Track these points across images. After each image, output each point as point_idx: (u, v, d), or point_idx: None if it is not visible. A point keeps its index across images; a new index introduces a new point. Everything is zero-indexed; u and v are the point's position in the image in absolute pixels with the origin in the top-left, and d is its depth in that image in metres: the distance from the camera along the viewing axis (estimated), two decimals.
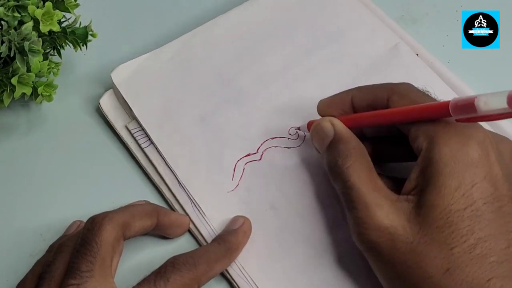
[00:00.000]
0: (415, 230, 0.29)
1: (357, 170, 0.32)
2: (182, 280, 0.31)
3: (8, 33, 0.35)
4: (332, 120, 0.35)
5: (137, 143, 0.40)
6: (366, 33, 0.44)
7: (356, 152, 0.33)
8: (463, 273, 0.28)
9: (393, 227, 0.30)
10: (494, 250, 0.28)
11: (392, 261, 0.30)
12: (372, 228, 0.30)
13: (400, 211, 0.30)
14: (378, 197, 0.31)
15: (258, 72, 0.42)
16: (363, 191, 0.31)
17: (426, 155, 0.30)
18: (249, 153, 0.39)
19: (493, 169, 0.30)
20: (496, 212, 0.29)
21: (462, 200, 0.29)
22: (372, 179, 0.32)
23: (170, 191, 0.38)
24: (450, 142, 0.30)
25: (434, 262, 0.28)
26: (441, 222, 0.29)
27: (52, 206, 0.38)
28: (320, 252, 0.35)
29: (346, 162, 0.32)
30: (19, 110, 0.42)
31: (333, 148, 0.33)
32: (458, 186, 0.29)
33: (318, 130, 0.35)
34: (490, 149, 0.30)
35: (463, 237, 0.28)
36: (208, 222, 0.37)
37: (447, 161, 0.29)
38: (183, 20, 0.47)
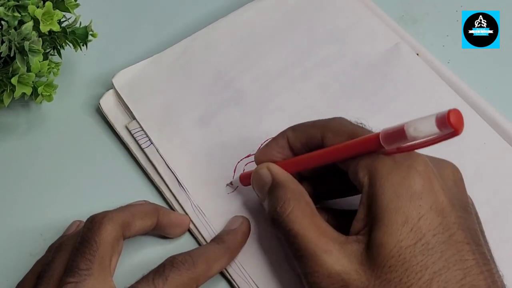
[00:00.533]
0: (369, 272, 0.28)
1: (298, 216, 0.31)
2: (181, 279, 0.31)
3: (8, 33, 0.36)
4: (268, 165, 0.34)
5: (137, 143, 0.40)
6: (366, 33, 0.44)
7: (295, 197, 0.31)
8: None
9: (345, 273, 0.28)
10: (450, 282, 0.27)
11: None
12: (323, 276, 0.29)
13: (351, 254, 0.29)
14: (325, 242, 0.29)
15: (258, 73, 0.42)
16: (308, 238, 0.30)
17: (369, 191, 0.29)
18: (249, 154, 0.39)
19: (438, 197, 0.28)
20: (447, 242, 0.28)
21: (411, 235, 0.28)
22: (315, 223, 0.30)
23: (170, 191, 0.38)
24: (391, 176, 0.29)
25: None
26: (393, 260, 0.28)
27: (52, 206, 0.38)
28: None
29: (286, 209, 0.31)
30: (19, 110, 0.42)
31: (271, 195, 0.32)
32: (405, 221, 0.28)
33: (257, 178, 0.34)
34: (432, 177, 0.29)
35: (418, 273, 0.27)
36: (208, 222, 0.37)
37: (390, 196, 0.28)
38: (183, 23, 0.46)
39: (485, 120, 0.40)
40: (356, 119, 0.33)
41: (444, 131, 0.25)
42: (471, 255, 0.28)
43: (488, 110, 0.40)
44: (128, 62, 0.43)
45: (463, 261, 0.28)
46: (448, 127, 0.25)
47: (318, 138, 0.32)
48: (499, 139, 0.39)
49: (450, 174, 0.31)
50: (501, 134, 0.40)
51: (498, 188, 0.34)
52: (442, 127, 0.25)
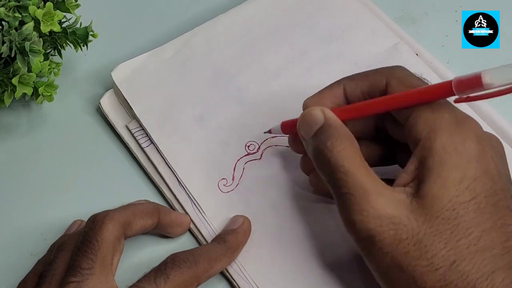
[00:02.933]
0: (420, 221, 0.29)
1: (350, 155, 0.30)
2: (182, 277, 0.31)
3: (9, 33, 0.36)
4: (323, 109, 0.33)
5: (137, 142, 0.40)
6: (366, 33, 0.44)
7: (347, 138, 0.31)
8: (469, 265, 0.28)
9: (396, 217, 0.29)
10: (495, 242, 0.28)
11: (394, 252, 0.29)
12: (373, 216, 0.29)
13: (400, 202, 0.29)
14: (377, 185, 0.29)
15: (258, 71, 0.42)
16: (359, 177, 0.29)
17: (427, 145, 0.30)
18: (249, 153, 0.39)
19: (490, 164, 0.30)
20: (496, 206, 0.29)
21: (466, 193, 0.29)
22: (366, 166, 0.30)
23: (170, 190, 0.38)
24: (452, 134, 0.29)
25: (441, 253, 0.28)
26: (447, 213, 0.28)
27: (53, 206, 0.38)
28: (320, 251, 0.35)
29: (337, 146, 0.30)
30: (20, 110, 0.42)
31: (322, 133, 0.32)
32: (462, 178, 0.29)
33: (307, 118, 0.33)
34: (486, 144, 0.30)
35: (469, 229, 0.28)
36: (208, 221, 0.37)
37: (451, 152, 0.29)
38: (183, 20, 0.47)
39: (484, 121, 0.40)
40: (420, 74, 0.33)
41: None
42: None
43: (487, 111, 0.40)
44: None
45: (507, 225, 0.29)
46: None
47: (382, 85, 0.32)
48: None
49: (498, 147, 0.32)
50: (500, 135, 0.39)
51: None
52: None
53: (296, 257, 0.35)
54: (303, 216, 0.37)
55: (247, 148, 0.39)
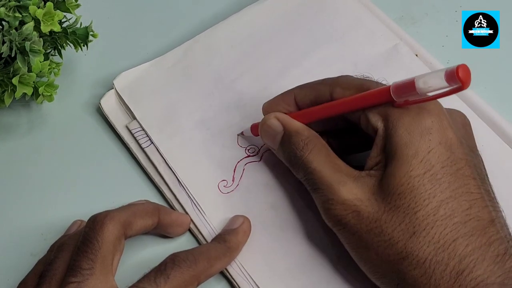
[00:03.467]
0: (379, 200, 0.30)
1: (316, 156, 0.33)
2: (182, 277, 0.31)
3: (9, 33, 0.36)
4: (277, 115, 0.35)
5: (137, 143, 0.40)
6: (366, 33, 0.44)
7: (311, 140, 0.34)
8: (429, 235, 0.29)
9: (358, 200, 0.31)
10: (456, 211, 0.29)
11: (359, 232, 0.31)
12: (337, 203, 0.31)
13: (364, 186, 0.31)
14: (340, 175, 0.32)
15: (258, 75, 0.42)
16: (324, 173, 0.32)
17: (383, 133, 0.31)
18: (249, 155, 0.39)
19: (447, 133, 0.30)
20: (455, 175, 0.30)
21: (420, 166, 0.30)
22: (331, 160, 0.33)
23: (170, 190, 0.38)
24: (403, 116, 0.31)
25: (400, 227, 0.29)
26: (402, 188, 0.29)
27: (53, 206, 0.38)
28: (320, 251, 0.36)
29: (304, 152, 0.33)
30: (20, 110, 0.42)
31: (287, 143, 0.34)
32: (415, 153, 0.30)
33: (266, 128, 0.36)
34: (441, 114, 0.31)
35: (426, 200, 0.29)
36: (208, 221, 0.37)
37: (402, 133, 0.30)
38: (184, 26, 0.46)
39: (484, 121, 0.40)
40: (362, 74, 0.35)
41: (452, 85, 0.27)
42: (476, 189, 0.30)
43: (487, 111, 0.40)
44: (128, 62, 0.43)
45: (469, 193, 0.29)
46: (456, 81, 0.27)
47: (327, 95, 0.34)
48: (498, 140, 0.39)
49: (459, 118, 0.33)
50: (500, 135, 0.39)
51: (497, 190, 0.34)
52: (450, 81, 0.27)
53: (295, 256, 0.36)
54: (303, 216, 0.37)
55: (247, 151, 0.39)
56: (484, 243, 0.28)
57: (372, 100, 0.32)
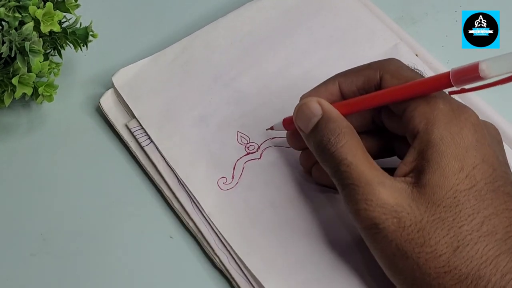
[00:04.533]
0: (422, 209, 0.29)
1: (352, 149, 0.31)
2: None
3: (9, 33, 0.36)
4: (319, 100, 0.33)
5: (137, 141, 0.40)
6: (366, 33, 0.44)
7: (348, 131, 0.32)
8: (472, 250, 0.28)
9: (399, 205, 0.29)
10: (498, 227, 0.29)
11: (398, 240, 0.29)
12: (376, 205, 0.30)
13: (402, 191, 0.30)
14: (379, 175, 0.30)
15: (257, 73, 0.42)
16: (362, 169, 0.30)
17: (425, 137, 0.30)
18: (249, 152, 0.39)
19: (488, 151, 0.30)
20: (497, 192, 0.29)
21: (466, 181, 0.29)
22: (368, 158, 0.31)
23: (170, 189, 0.38)
24: (449, 125, 0.30)
25: (444, 240, 0.29)
26: (448, 201, 0.29)
27: (53, 206, 0.38)
28: (320, 249, 0.35)
29: (340, 140, 0.31)
30: (19, 110, 0.42)
31: (323, 127, 0.32)
32: (462, 167, 0.29)
33: (304, 110, 0.33)
34: (484, 132, 0.31)
35: (470, 216, 0.29)
36: (208, 220, 0.37)
37: (449, 143, 0.30)
38: (183, 22, 0.47)
39: None
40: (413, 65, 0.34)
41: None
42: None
43: (487, 111, 0.40)
44: (128, 62, 0.43)
45: (509, 210, 0.29)
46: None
47: (376, 79, 0.33)
48: None
49: (493, 132, 0.33)
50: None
51: None
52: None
53: (295, 254, 0.35)
54: (303, 214, 0.37)
55: (247, 148, 0.39)
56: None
57: (430, 86, 0.30)
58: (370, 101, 0.33)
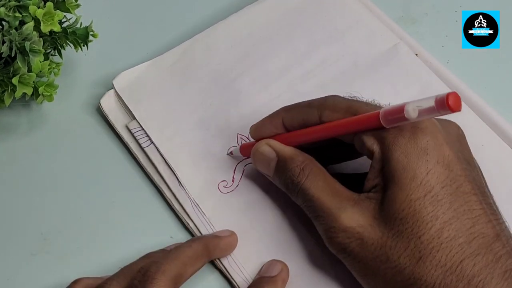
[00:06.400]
0: (382, 226, 0.30)
1: (313, 182, 0.32)
2: None
3: (9, 33, 0.36)
4: (269, 142, 0.35)
5: (137, 142, 0.40)
6: (366, 33, 0.44)
7: (307, 165, 0.33)
8: (435, 259, 0.28)
9: (360, 226, 0.30)
10: (460, 231, 0.29)
11: (364, 259, 0.30)
12: (340, 231, 0.31)
13: (364, 210, 0.30)
14: (339, 201, 0.31)
15: (257, 74, 0.42)
16: (323, 200, 0.32)
17: (378, 157, 0.31)
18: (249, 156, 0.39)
19: (443, 151, 0.30)
20: (455, 194, 0.29)
21: (420, 189, 0.29)
22: (330, 185, 0.32)
23: (170, 190, 0.38)
24: (398, 138, 0.30)
25: (405, 253, 0.29)
26: (403, 213, 0.29)
27: (53, 206, 0.38)
28: (320, 252, 0.35)
29: (301, 179, 0.33)
30: (20, 110, 0.42)
31: (283, 169, 0.34)
32: (414, 176, 0.29)
33: (259, 156, 0.35)
34: (436, 131, 0.30)
35: (428, 223, 0.29)
36: (208, 222, 0.37)
37: (398, 157, 0.30)
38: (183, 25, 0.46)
39: (484, 121, 0.40)
40: (349, 94, 0.35)
41: (442, 113, 0.27)
42: (478, 205, 0.29)
43: (487, 111, 0.40)
44: (128, 62, 0.43)
45: (471, 211, 0.29)
46: (446, 109, 0.27)
47: (315, 117, 0.33)
48: (498, 140, 0.39)
49: (452, 131, 0.33)
50: (500, 135, 0.39)
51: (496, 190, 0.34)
52: (440, 109, 0.27)
53: (296, 257, 0.36)
54: (303, 217, 0.37)
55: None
56: (491, 260, 0.28)
57: (362, 125, 0.31)
58: (313, 135, 0.33)
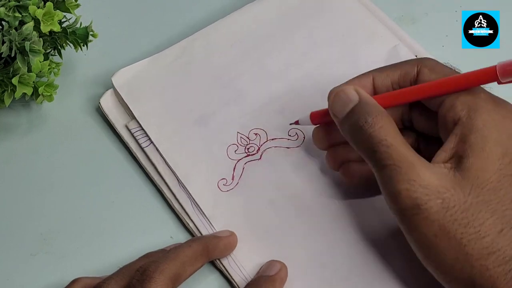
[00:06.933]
0: (466, 191, 0.29)
1: (390, 131, 0.31)
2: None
3: (9, 33, 0.36)
4: (356, 88, 0.33)
5: (137, 142, 0.40)
6: (365, 35, 0.44)
7: (385, 116, 0.31)
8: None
9: (443, 186, 0.29)
10: None
11: (442, 220, 0.29)
12: (419, 186, 0.29)
13: (444, 174, 0.30)
14: (419, 158, 0.30)
15: (257, 74, 0.42)
16: (403, 150, 0.30)
17: (467, 122, 0.30)
18: (248, 154, 0.39)
19: None
20: None
21: (510, 166, 0.29)
22: (406, 143, 0.31)
23: (170, 190, 0.38)
24: (492, 112, 0.30)
25: (488, 221, 0.29)
26: (492, 184, 0.29)
27: (52, 206, 0.38)
28: (320, 250, 0.36)
29: (378, 121, 0.31)
30: (20, 110, 0.42)
31: (360, 110, 0.32)
32: (505, 153, 0.30)
33: (341, 95, 0.33)
34: None
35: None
36: (208, 221, 0.37)
37: (491, 129, 0.30)
38: (183, 24, 0.46)
39: None
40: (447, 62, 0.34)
41: None
42: None
43: None
44: (128, 62, 0.43)
45: None
46: None
47: (413, 74, 0.33)
48: None
49: None
50: None
51: None
52: None
53: (296, 256, 0.36)
54: (303, 215, 0.37)
55: (247, 149, 0.39)
56: None
57: (475, 79, 0.30)
58: (409, 95, 0.32)
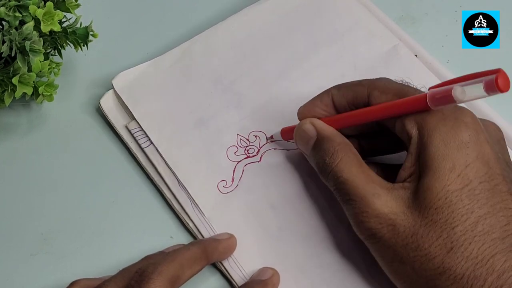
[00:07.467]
0: (415, 214, 0.30)
1: (347, 165, 0.32)
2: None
3: (9, 33, 0.36)
4: (312, 121, 0.35)
5: (137, 143, 0.40)
6: (365, 35, 0.44)
7: (342, 148, 0.33)
8: (467, 251, 0.28)
9: (393, 213, 0.30)
10: (495, 227, 0.29)
11: (394, 246, 0.30)
12: (372, 216, 0.30)
13: (398, 198, 0.30)
14: (373, 187, 0.31)
15: (257, 76, 0.42)
16: (357, 184, 0.31)
17: (418, 142, 0.31)
18: (249, 155, 0.39)
19: (484, 148, 0.30)
20: (493, 190, 0.29)
21: (458, 181, 0.29)
22: (363, 171, 0.32)
23: (170, 190, 0.38)
24: (439, 126, 0.30)
25: (437, 242, 0.29)
26: (439, 202, 0.29)
27: (53, 206, 0.38)
28: (319, 252, 0.36)
29: (334, 160, 0.32)
30: (20, 109, 0.42)
31: (318, 148, 0.34)
32: (453, 167, 0.29)
33: (300, 133, 0.35)
34: (478, 129, 0.30)
35: (463, 216, 0.29)
36: (207, 222, 0.37)
37: (438, 144, 0.30)
38: (183, 26, 0.46)
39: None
40: (401, 79, 0.35)
41: (490, 94, 0.27)
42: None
43: (487, 111, 0.40)
44: (128, 62, 0.43)
45: (507, 209, 0.29)
46: (496, 90, 0.27)
47: (364, 96, 0.33)
48: None
49: (493, 132, 0.33)
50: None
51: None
52: (490, 90, 0.27)
53: (296, 257, 0.36)
54: (302, 217, 0.37)
55: (247, 151, 0.39)
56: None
57: (409, 107, 0.31)
58: (358, 117, 0.34)
